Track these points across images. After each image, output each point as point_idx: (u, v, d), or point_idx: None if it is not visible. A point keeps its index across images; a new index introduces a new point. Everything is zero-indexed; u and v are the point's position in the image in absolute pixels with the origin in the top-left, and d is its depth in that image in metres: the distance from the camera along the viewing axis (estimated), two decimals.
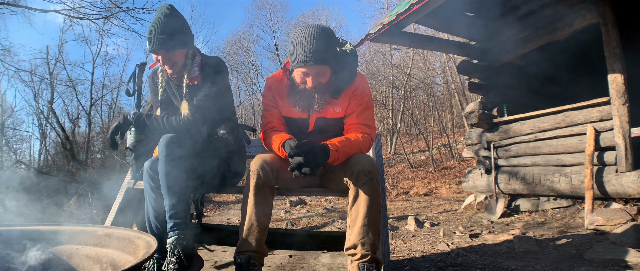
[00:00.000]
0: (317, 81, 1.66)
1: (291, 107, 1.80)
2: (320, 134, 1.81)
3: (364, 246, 1.51)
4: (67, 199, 4.35)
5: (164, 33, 1.71)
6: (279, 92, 1.83)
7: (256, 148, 2.45)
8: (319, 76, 1.65)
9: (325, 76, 1.67)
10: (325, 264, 2.32)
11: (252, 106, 23.00)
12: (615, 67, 3.65)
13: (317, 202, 7.64)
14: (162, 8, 1.78)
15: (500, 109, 4.95)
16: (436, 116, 15.30)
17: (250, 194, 1.59)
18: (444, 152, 12.43)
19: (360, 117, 1.77)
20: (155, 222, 1.74)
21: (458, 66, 5.37)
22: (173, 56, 1.77)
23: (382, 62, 16.09)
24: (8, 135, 15.86)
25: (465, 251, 2.80)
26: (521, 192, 4.57)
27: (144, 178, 1.75)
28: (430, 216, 4.99)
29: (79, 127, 16.43)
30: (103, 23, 8.66)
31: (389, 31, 4.55)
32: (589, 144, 3.75)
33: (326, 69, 1.65)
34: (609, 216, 3.10)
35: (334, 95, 1.76)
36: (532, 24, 4.53)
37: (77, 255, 1.40)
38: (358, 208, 1.54)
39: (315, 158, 1.51)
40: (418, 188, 8.75)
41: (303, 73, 1.66)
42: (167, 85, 1.91)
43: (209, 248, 2.56)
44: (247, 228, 1.57)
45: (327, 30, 1.66)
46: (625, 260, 2.22)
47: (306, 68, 1.63)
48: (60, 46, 13.71)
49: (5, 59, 9.02)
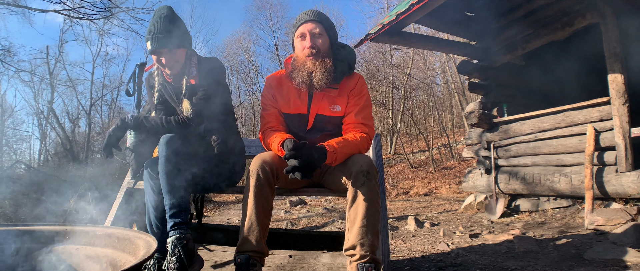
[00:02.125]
0: (315, 40, 1.76)
1: (291, 103, 1.82)
2: (320, 133, 1.81)
3: (363, 246, 1.51)
4: (67, 199, 4.35)
5: (166, 32, 1.72)
6: (279, 89, 1.85)
7: (256, 148, 2.46)
8: (315, 36, 1.77)
9: (323, 36, 1.78)
10: (325, 264, 2.32)
11: (252, 106, 22.99)
12: (615, 67, 3.65)
13: (317, 202, 7.64)
14: (161, 9, 1.79)
15: (500, 109, 4.95)
16: (436, 116, 15.31)
17: (250, 194, 1.59)
18: (444, 152, 12.43)
19: (359, 116, 1.77)
20: (156, 222, 1.74)
21: (458, 66, 5.38)
22: (175, 55, 1.78)
23: (382, 62, 16.07)
24: (8, 135, 15.86)
25: (465, 251, 2.80)
26: (521, 192, 4.57)
27: (144, 178, 1.75)
28: (430, 216, 4.99)
29: (79, 127, 16.45)
30: (103, 23, 8.67)
31: (389, 31, 4.55)
32: (589, 144, 3.75)
33: (322, 27, 1.78)
34: (609, 216, 3.10)
35: (334, 83, 1.78)
36: (532, 24, 4.53)
37: (77, 255, 1.40)
38: (357, 208, 1.54)
39: (312, 161, 1.50)
40: (418, 188, 8.75)
41: (302, 35, 1.77)
42: (163, 87, 1.91)
43: (208, 248, 2.56)
44: (247, 228, 1.57)
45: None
46: (625, 260, 2.22)
47: (302, 26, 1.77)
48: (60, 46, 13.72)
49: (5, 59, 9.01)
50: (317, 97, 1.80)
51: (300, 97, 1.82)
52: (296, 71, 1.78)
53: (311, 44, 1.75)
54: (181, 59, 1.82)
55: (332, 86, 1.79)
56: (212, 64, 1.89)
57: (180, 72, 1.85)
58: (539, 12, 4.43)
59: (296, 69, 1.78)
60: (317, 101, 1.80)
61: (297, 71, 1.77)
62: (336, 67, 1.79)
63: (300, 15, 1.81)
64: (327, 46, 1.80)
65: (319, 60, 1.75)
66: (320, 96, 1.80)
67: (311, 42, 1.75)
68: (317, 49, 1.76)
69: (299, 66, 1.77)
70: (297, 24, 1.81)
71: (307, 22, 1.78)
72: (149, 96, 1.98)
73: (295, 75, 1.78)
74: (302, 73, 1.75)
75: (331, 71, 1.76)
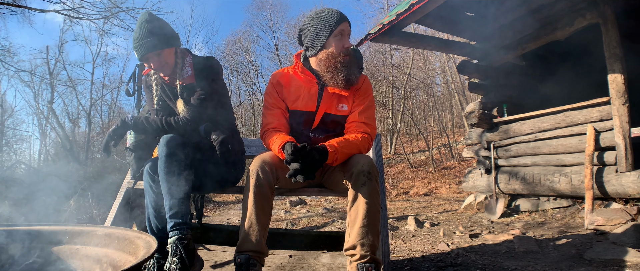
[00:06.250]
0: (350, 41, 1.80)
1: (300, 100, 1.80)
2: (324, 132, 1.81)
3: (363, 246, 1.51)
4: (67, 199, 4.35)
5: (148, 36, 1.73)
6: (288, 85, 1.84)
7: (256, 148, 2.46)
8: (349, 35, 1.80)
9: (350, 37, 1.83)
10: (325, 264, 2.32)
11: (252, 106, 22.98)
12: (615, 67, 3.65)
13: (317, 202, 7.64)
14: (141, 16, 1.80)
15: (500, 109, 4.95)
16: (436, 116, 15.33)
17: (250, 194, 1.58)
18: (444, 152, 12.43)
19: (362, 115, 1.78)
20: (156, 222, 1.74)
21: (458, 66, 5.37)
22: (163, 57, 1.78)
23: (382, 62, 16.09)
24: (8, 135, 15.86)
25: (465, 251, 2.80)
26: (521, 192, 4.57)
27: (144, 178, 1.75)
28: (430, 216, 4.99)
29: (79, 127, 16.46)
30: (103, 23, 8.67)
31: (389, 31, 4.55)
32: (589, 144, 3.75)
33: (350, 27, 1.82)
34: (609, 216, 3.10)
35: (351, 83, 1.80)
36: (532, 24, 4.53)
37: (77, 255, 1.40)
38: (357, 208, 1.54)
39: (313, 163, 1.50)
40: (418, 188, 8.76)
41: (341, 33, 1.76)
42: (162, 89, 1.91)
43: (208, 248, 2.56)
44: (247, 228, 1.56)
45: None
46: (625, 260, 2.22)
47: (343, 25, 1.76)
48: (60, 46, 13.72)
49: (5, 59, 9.02)
50: (327, 95, 1.79)
51: (310, 94, 1.80)
52: (333, 68, 1.75)
53: (350, 45, 1.80)
54: (170, 59, 1.81)
55: (345, 87, 1.79)
56: (208, 63, 1.88)
57: (173, 72, 1.85)
58: (539, 12, 4.43)
59: (332, 67, 1.75)
60: (327, 99, 1.79)
61: (335, 69, 1.75)
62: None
63: (333, 13, 1.78)
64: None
65: (353, 60, 1.80)
66: (330, 94, 1.79)
67: (350, 43, 1.80)
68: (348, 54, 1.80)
69: (335, 64, 1.75)
70: (334, 21, 1.76)
71: (345, 22, 1.78)
72: (148, 97, 1.98)
73: (332, 72, 1.75)
74: (343, 71, 1.75)
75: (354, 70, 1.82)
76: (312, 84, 1.81)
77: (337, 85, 1.76)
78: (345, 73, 1.75)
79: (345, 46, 1.76)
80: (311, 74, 1.82)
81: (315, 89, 1.80)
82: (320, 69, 1.79)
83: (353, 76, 1.78)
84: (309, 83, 1.81)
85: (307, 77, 1.82)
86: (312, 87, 1.81)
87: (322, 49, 1.78)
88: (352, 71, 1.77)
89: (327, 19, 1.77)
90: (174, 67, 1.84)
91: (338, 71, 1.75)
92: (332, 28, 1.75)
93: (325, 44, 1.77)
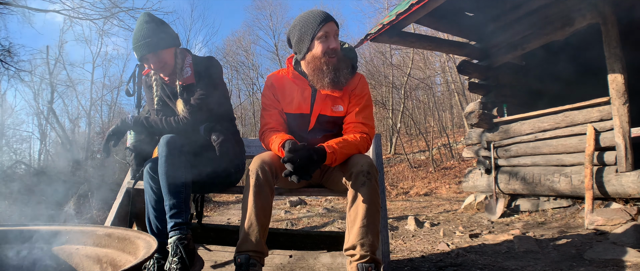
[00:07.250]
0: (337, 42, 1.74)
1: (293, 103, 1.80)
2: (321, 133, 1.81)
3: (363, 246, 1.51)
4: (67, 199, 4.35)
5: (147, 37, 1.73)
6: (281, 88, 1.83)
7: (256, 148, 2.45)
8: (336, 37, 1.75)
9: (337, 36, 1.77)
10: (325, 264, 2.32)
11: (252, 106, 22.98)
12: (615, 67, 3.65)
13: (317, 202, 7.64)
14: (140, 17, 1.81)
15: (500, 109, 4.95)
16: (436, 116, 15.32)
17: (250, 194, 1.58)
18: (444, 152, 12.43)
19: (359, 115, 1.77)
20: (156, 222, 1.74)
21: (458, 66, 5.37)
22: (162, 57, 1.78)
23: (382, 62, 16.08)
24: (8, 135, 15.86)
25: (465, 251, 2.80)
26: (521, 192, 4.57)
27: (144, 178, 1.75)
28: (430, 216, 4.99)
29: (79, 127, 16.45)
30: (103, 23, 8.67)
31: (389, 31, 4.55)
32: (589, 144, 3.75)
33: (338, 29, 1.76)
34: (609, 216, 3.10)
35: (339, 84, 1.77)
36: (532, 23, 4.53)
37: (77, 255, 1.40)
38: (357, 208, 1.54)
39: (310, 163, 1.50)
40: (418, 188, 8.76)
41: (325, 35, 1.71)
42: (162, 90, 1.91)
43: (208, 248, 2.56)
44: (247, 228, 1.56)
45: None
46: (625, 260, 2.22)
47: (326, 26, 1.71)
48: (60, 46, 13.73)
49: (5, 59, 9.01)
50: (320, 97, 1.79)
51: (303, 96, 1.81)
52: (319, 70, 1.74)
53: (336, 45, 1.74)
54: (169, 59, 1.82)
55: (337, 87, 1.78)
56: (208, 63, 1.88)
57: (173, 72, 1.85)
58: (539, 12, 4.43)
59: (318, 69, 1.74)
60: (320, 101, 1.79)
61: (321, 71, 1.73)
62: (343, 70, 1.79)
63: (316, 14, 1.73)
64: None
65: (341, 60, 1.77)
66: (323, 96, 1.79)
67: (336, 43, 1.74)
68: (338, 55, 1.76)
69: (320, 66, 1.73)
70: (316, 23, 1.71)
71: (330, 22, 1.72)
72: (148, 97, 1.98)
73: (318, 75, 1.74)
74: (329, 73, 1.73)
75: (350, 69, 1.80)
76: (304, 86, 1.81)
77: (324, 87, 1.75)
78: (332, 75, 1.72)
79: (330, 47, 1.72)
80: (302, 77, 1.82)
81: (308, 91, 1.80)
82: (309, 72, 1.79)
83: (341, 77, 1.74)
84: (301, 86, 1.81)
85: (299, 81, 1.82)
86: (305, 90, 1.81)
87: (307, 52, 1.76)
88: (340, 72, 1.74)
89: (309, 21, 1.73)
90: (174, 68, 1.85)
91: (324, 73, 1.73)
92: (315, 30, 1.71)
93: (309, 46, 1.75)
